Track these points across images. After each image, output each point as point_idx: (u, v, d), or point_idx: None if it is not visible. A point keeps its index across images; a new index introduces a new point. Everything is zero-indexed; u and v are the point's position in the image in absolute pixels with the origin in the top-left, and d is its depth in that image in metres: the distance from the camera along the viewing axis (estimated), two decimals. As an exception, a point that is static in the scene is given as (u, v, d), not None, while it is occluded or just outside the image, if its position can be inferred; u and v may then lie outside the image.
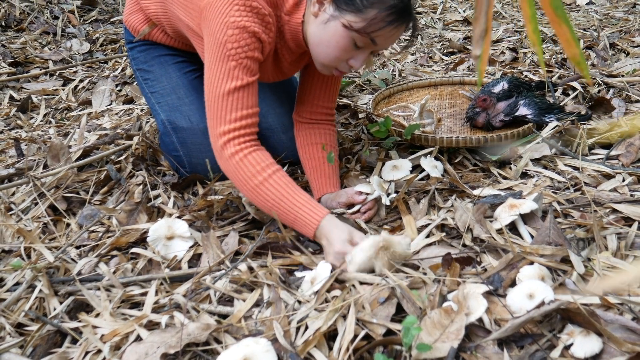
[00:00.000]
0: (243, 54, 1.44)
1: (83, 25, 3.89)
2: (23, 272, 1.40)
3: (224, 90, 1.45)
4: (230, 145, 1.45)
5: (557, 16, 0.51)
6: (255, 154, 1.45)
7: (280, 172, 1.46)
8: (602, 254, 1.32)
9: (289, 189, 1.44)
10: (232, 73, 1.45)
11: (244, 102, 1.46)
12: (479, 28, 0.54)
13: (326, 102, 1.79)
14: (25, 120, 2.49)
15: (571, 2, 3.75)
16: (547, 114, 1.93)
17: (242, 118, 1.46)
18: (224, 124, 1.45)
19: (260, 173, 1.43)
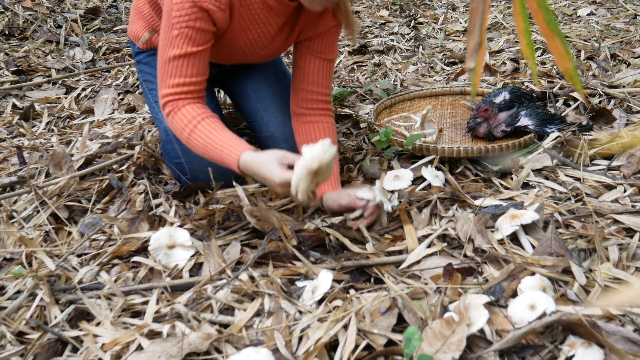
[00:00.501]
0: (184, 24, 1.49)
1: (86, 34, 3.91)
2: (24, 280, 1.40)
3: (166, 56, 1.53)
4: (168, 106, 1.55)
5: (550, 30, 0.52)
6: (185, 109, 1.54)
7: (207, 119, 1.54)
8: (603, 265, 1.32)
9: (212, 133, 1.52)
10: (174, 42, 1.51)
11: (184, 70, 1.53)
12: (473, 41, 0.55)
13: (321, 87, 1.79)
14: (28, 129, 2.50)
15: (572, 13, 3.77)
16: (549, 125, 1.93)
17: (180, 85, 1.54)
18: (164, 88, 1.55)
19: (188, 124, 1.52)
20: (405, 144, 1.85)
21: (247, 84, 1.99)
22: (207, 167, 1.74)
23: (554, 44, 0.53)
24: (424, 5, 4.41)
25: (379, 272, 1.40)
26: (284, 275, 1.41)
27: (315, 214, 1.69)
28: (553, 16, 0.51)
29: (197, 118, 1.53)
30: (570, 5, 3.95)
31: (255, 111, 1.95)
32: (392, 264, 1.42)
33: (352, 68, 3.10)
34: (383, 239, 1.55)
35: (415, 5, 4.37)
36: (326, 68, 1.79)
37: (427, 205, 1.65)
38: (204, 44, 1.54)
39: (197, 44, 1.53)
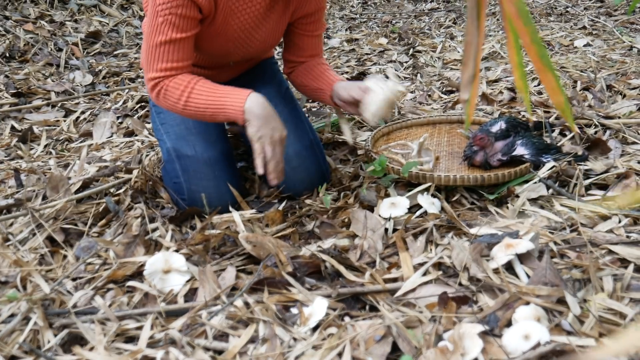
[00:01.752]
0: (167, 11, 1.58)
1: (86, 58, 3.94)
2: (18, 304, 1.40)
3: (152, 42, 1.62)
4: (156, 87, 1.66)
5: (542, 65, 0.53)
6: (173, 82, 1.65)
7: (198, 83, 1.65)
8: (598, 295, 1.32)
9: (209, 91, 1.64)
10: (160, 28, 1.60)
11: (169, 56, 1.63)
12: (467, 73, 0.56)
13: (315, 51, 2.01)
14: (26, 151, 2.51)
15: (569, 44, 3.81)
16: (544, 154, 1.94)
17: (166, 69, 1.64)
18: (152, 72, 1.65)
19: (182, 94, 1.64)
20: (401, 171, 1.86)
21: None
22: (206, 191, 1.76)
23: (547, 78, 0.54)
24: (422, 34, 4.46)
25: (374, 299, 1.39)
26: (279, 302, 1.41)
27: (311, 240, 1.69)
28: (545, 51, 0.53)
29: (191, 82, 1.64)
30: (567, 36, 4.00)
31: None
32: (388, 291, 1.42)
33: (350, 95, 3.12)
34: (379, 266, 1.55)
35: (413, 33, 4.42)
36: (317, 40, 1.99)
37: (423, 232, 1.65)
38: (189, 30, 1.64)
39: (182, 30, 1.62)
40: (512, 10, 0.49)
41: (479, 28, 0.52)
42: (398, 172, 1.89)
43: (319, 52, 2.03)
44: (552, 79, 0.51)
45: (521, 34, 0.50)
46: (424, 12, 5.35)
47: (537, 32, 0.49)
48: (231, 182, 1.82)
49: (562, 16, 4.71)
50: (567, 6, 5.03)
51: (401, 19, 5.14)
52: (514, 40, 0.51)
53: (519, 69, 0.52)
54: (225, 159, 1.87)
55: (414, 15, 5.24)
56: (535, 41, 0.49)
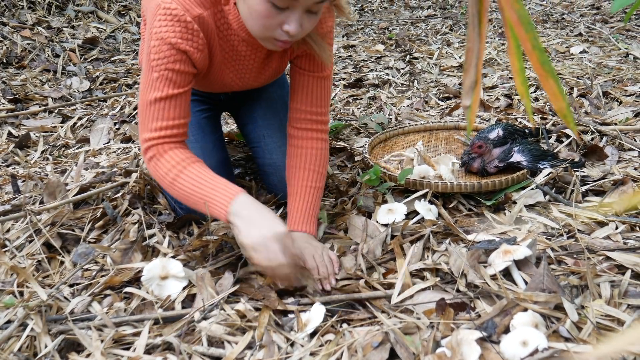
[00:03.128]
0: (163, 66, 1.46)
1: (84, 64, 3.94)
2: (15, 310, 1.39)
3: (147, 99, 1.49)
4: (150, 151, 1.50)
5: (544, 71, 0.53)
6: (167, 155, 1.50)
7: (191, 166, 1.50)
8: (595, 302, 1.33)
9: (199, 179, 1.48)
10: (155, 84, 1.48)
11: (165, 113, 1.49)
12: (469, 79, 0.56)
13: (313, 106, 1.72)
14: (23, 157, 2.50)
15: (565, 51, 3.82)
16: (541, 161, 1.95)
17: (162, 129, 1.49)
18: (146, 132, 1.50)
19: (171, 170, 1.48)
20: (397, 178, 1.87)
21: (256, 109, 2.00)
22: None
23: (548, 84, 0.54)
24: (419, 40, 4.47)
25: (372, 306, 1.39)
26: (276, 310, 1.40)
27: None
28: (547, 57, 0.53)
29: (183, 162, 1.49)
30: (563, 43, 4.01)
31: (260, 137, 1.96)
32: (385, 297, 1.42)
33: (347, 101, 3.13)
34: (376, 272, 1.55)
35: (410, 40, 4.43)
36: (320, 86, 1.73)
37: (420, 239, 1.65)
38: (185, 85, 1.51)
39: (178, 86, 1.50)
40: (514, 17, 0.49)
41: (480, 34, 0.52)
42: (394, 180, 1.89)
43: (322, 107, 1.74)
44: (554, 84, 0.51)
45: (522, 40, 0.50)
46: (421, 19, 5.36)
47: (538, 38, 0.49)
48: None
49: (558, 23, 4.73)
50: (563, 13, 5.05)
51: (398, 25, 5.16)
52: (515, 46, 0.51)
53: (520, 75, 0.52)
54: (222, 167, 1.86)
55: (411, 22, 5.26)
56: (537, 47, 0.50)
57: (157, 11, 1.44)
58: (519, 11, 0.48)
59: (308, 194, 1.70)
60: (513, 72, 0.52)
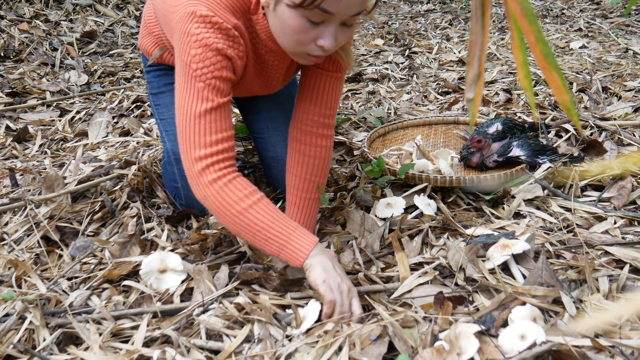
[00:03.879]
0: (210, 74, 1.36)
1: (82, 57, 3.93)
2: (14, 304, 1.39)
3: (195, 112, 1.36)
4: (209, 170, 1.37)
5: (548, 63, 0.53)
6: (239, 180, 1.38)
7: (265, 199, 1.40)
8: (593, 296, 1.33)
9: (276, 215, 1.37)
10: (202, 94, 1.36)
11: (218, 125, 1.37)
12: (472, 72, 0.56)
13: (323, 107, 1.64)
14: (21, 151, 2.50)
15: (565, 46, 3.82)
16: (540, 156, 1.95)
17: (219, 142, 1.37)
18: (200, 149, 1.36)
19: (246, 199, 1.36)
20: (397, 173, 1.86)
21: (260, 99, 1.97)
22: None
23: (552, 77, 0.54)
24: (418, 35, 4.46)
25: (370, 299, 1.39)
26: (274, 300, 1.40)
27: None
28: (550, 49, 0.53)
29: (256, 194, 1.39)
30: (563, 38, 4.01)
31: (264, 129, 1.94)
32: (384, 291, 1.42)
33: (346, 95, 3.12)
34: (375, 266, 1.55)
35: (409, 34, 4.43)
36: (333, 85, 1.64)
37: (419, 233, 1.65)
38: (229, 93, 1.42)
39: (225, 94, 1.39)
40: (517, 10, 0.49)
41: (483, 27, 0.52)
42: (394, 173, 1.89)
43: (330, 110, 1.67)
44: (558, 78, 0.51)
45: (526, 33, 0.50)
46: (420, 13, 5.36)
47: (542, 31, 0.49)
48: None
49: (558, 18, 4.73)
50: (562, 8, 5.05)
51: (397, 20, 5.15)
52: (518, 39, 0.51)
53: (524, 67, 0.52)
54: None
55: (410, 16, 5.25)
56: (540, 40, 0.49)
57: (192, 19, 1.35)
58: (522, 3, 0.48)
59: (307, 206, 1.66)
60: (517, 65, 0.52)
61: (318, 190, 1.67)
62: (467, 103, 0.52)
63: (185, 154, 1.39)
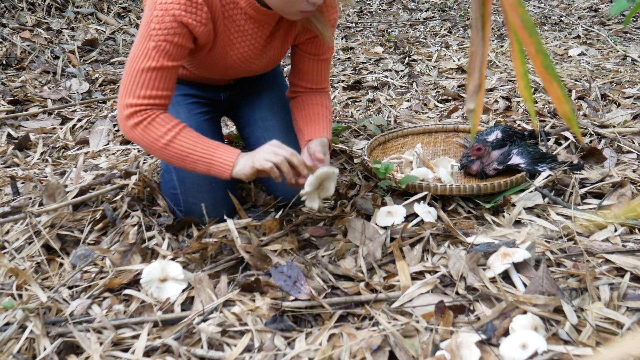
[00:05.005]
0: (162, 37, 1.49)
1: (83, 65, 3.94)
2: (14, 312, 1.39)
3: (139, 66, 1.51)
4: (134, 116, 1.53)
5: (548, 74, 0.53)
6: (159, 118, 1.54)
7: (187, 128, 1.56)
8: (594, 305, 1.33)
9: (198, 139, 1.55)
10: (150, 53, 1.50)
11: (155, 83, 1.52)
12: (473, 83, 0.56)
13: (318, 83, 1.87)
14: (22, 158, 2.50)
15: (563, 53, 3.83)
16: (540, 163, 1.95)
17: (150, 97, 1.53)
18: (132, 97, 1.52)
19: (167, 133, 1.53)
20: (399, 182, 1.87)
21: (256, 111, 2.01)
22: (203, 202, 1.76)
23: (552, 88, 0.54)
24: (417, 43, 4.47)
25: (371, 308, 1.39)
26: (273, 306, 1.40)
27: (308, 248, 1.69)
28: (551, 61, 0.53)
29: (178, 126, 1.55)
30: (562, 46, 4.02)
31: (260, 139, 1.95)
32: (384, 300, 1.42)
33: (346, 103, 3.13)
34: (376, 275, 1.55)
35: (409, 42, 4.44)
36: (323, 66, 1.86)
37: (420, 241, 1.65)
38: (179, 59, 1.56)
39: (173, 59, 1.53)
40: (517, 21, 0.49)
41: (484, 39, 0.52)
42: (396, 181, 1.89)
43: (324, 84, 1.90)
44: (558, 88, 0.51)
45: (526, 44, 0.50)
46: (420, 21, 5.37)
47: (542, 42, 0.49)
48: (227, 192, 1.83)
49: (557, 25, 4.74)
50: (561, 15, 5.06)
51: (397, 27, 5.16)
52: (518, 50, 0.52)
53: (524, 78, 0.52)
54: None
55: (410, 24, 5.26)
56: (541, 51, 0.50)
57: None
58: (522, 15, 0.48)
59: (320, 115, 1.82)
60: (517, 76, 0.52)
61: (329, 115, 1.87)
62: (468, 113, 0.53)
63: (120, 99, 1.55)
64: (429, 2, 6.24)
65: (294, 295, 1.43)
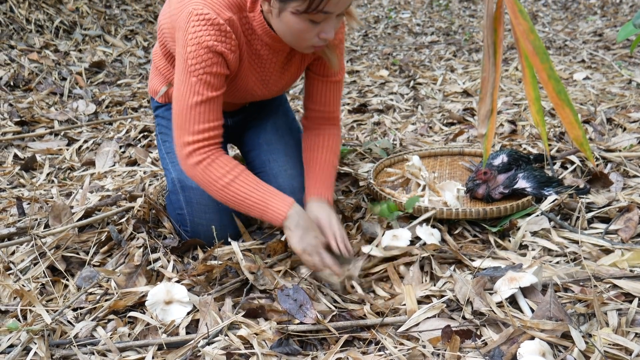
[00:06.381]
0: (202, 70, 1.54)
1: (90, 87, 3.96)
2: (19, 334, 1.39)
3: (187, 103, 1.56)
4: (195, 154, 1.58)
5: (560, 100, 0.53)
6: (220, 160, 1.60)
7: (245, 172, 1.62)
8: (602, 330, 1.32)
9: (255, 185, 1.60)
10: (194, 88, 1.55)
11: (207, 116, 1.58)
12: (484, 108, 0.56)
13: (327, 106, 1.89)
14: (28, 179, 2.51)
15: (568, 77, 3.84)
16: (546, 187, 1.95)
17: (205, 130, 1.58)
18: (189, 135, 1.58)
19: (226, 175, 1.58)
20: (404, 206, 1.86)
21: (260, 134, 2.03)
22: (210, 223, 1.76)
23: (564, 113, 0.54)
24: (422, 66, 4.49)
25: (377, 332, 1.38)
26: (279, 330, 1.39)
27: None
28: (563, 86, 0.53)
29: (237, 168, 1.60)
30: (566, 70, 4.03)
31: (265, 162, 1.97)
32: (390, 325, 1.41)
33: (351, 126, 3.14)
34: (380, 297, 1.54)
35: (414, 66, 4.46)
36: (333, 89, 1.88)
37: (424, 264, 1.65)
38: (221, 87, 1.60)
39: (216, 89, 1.58)
40: (529, 48, 0.50)
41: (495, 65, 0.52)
42: (402, 208, 1.89)
43: (332, 107, 1.90)
44: (570, 113, 0.51)
45: (538, 70, 0.50)
46: (424, 44, 5.40)
47: (554, 68, 0.49)
48: (233, 214, 1.83)
49: (561, 49, 4.76)
50: (565, 40, 5.09)
51: (402, 51, 5.19)
52: (530, 76, 0.52)
53: (536, 103, 0.53)
54: None
55: (415, 47, 5.29)
56: (552, 77, 0.50)
57: (190, 18, 1.52)
58: (534, 42, 0.48)
59: (325, 167, 1.85)
60: (528, 101, 0.52)
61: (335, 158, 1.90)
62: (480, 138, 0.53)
63: (177, 139, 1.61)
64: (433, 26, 6.28)
65: (299, 319, 1.42)
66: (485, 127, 0.54)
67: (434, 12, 7.09)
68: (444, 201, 1.97)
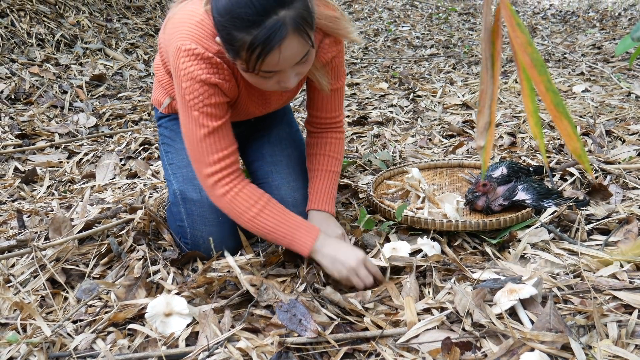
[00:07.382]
0: (200, 103, 1.56)
1: (90, 100, 3.98)
2: (18, 347, 1.38)
3: (196, 137, 1.59)
4: (219, 185, 1.62)
5: (558, 112, 0.54)
6: (244, 191, 1.63)
7: (271, 202, 1.66)
8: (602, 342, 1.31)
9: (282, 216, 1.64)
10: (198, 122, 1.58)
11: (218, 145, 1.60)
12: (482, 121, 0.57)
13: (329, 112, 1.91)
14: (29, 192, 2.51)
15: (567, 90, 3.85)
16: (546, 199, 1.95)
17: (221, 160, 1.61)
18: (206, 167, 1.61)
19: (253, 207, 1.62)
20: (394, 215, 1.87)
21: (264, 146, 2.04)
22: (209, 236, 1.76)
23: (562, 125, 0.55)
24: (422, 78, 4.51)
25: (377, 344, 1.38)
26: (280, 343, 1.39)
27: (314, 281, 1.68)
28: (561, 99, 0.54)
29: (261, 200, 1.64)
30: (566, 82, 4.05)
31: (268, 173, 1.98)
32: (390, 336, 1.41)
33: (351, 139, 3.15)
34: (379, 309, 1.54)
35: (414, 78, 4.48)
36: (334, 96, 1.89)
37: (424, 276, 1.64)
38: (225, 114, 1.62)
39: (219, 117, 1.60)
40: (527, 60, 0.50)
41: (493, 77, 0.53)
42: (393, 217, 1.90)
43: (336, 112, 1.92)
44: (569, 126, 0.52)
45: (536, 83, 0.51)
46: (424, 57, 5.43)
47: (551, 80, 0.50)
48: (235, 226, 1.83)
49: (560, 62, 4.78)
50: (564, 52, 5.11)
51: (401, 64, 5.21)
52: (528, 88, 0.52)
53: (534, 116, 0.53)
54: None
55: (414, 60, 5.32)
56: (550, 89, 0.50)
57: (178, 54, 1.52)
58: (531, 54, 0.49)
59: (328, 177, 1.89)
60: (527, 114, 0.53)
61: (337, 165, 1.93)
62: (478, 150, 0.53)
63: (197, 172, 1.66)
64: (433, 38, 6.31)
65: (299, 334, 1.42)
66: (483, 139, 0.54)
67: (434, 25, 7.13)
68: (444, 213, 1.97)
